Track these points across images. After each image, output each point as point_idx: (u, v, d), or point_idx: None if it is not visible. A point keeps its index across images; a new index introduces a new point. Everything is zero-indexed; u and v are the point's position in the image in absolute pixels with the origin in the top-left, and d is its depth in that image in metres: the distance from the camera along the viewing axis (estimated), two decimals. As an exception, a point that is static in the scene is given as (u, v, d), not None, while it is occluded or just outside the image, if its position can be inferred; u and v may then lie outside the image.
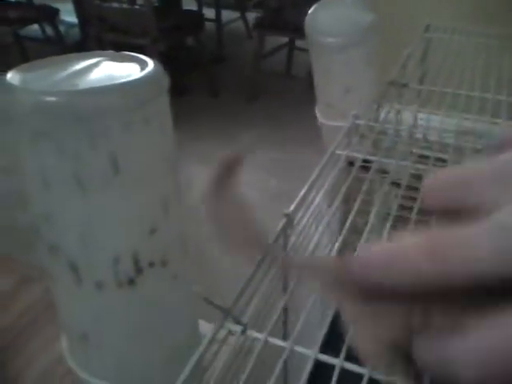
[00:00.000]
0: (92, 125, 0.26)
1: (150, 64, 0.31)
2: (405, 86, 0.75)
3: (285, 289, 0.52)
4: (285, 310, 0.53)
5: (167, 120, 0.32)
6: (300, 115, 1.91)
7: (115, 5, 2.40)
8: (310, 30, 0.62)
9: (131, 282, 0.31)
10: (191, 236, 0.48)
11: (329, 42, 0.61)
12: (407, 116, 0.86)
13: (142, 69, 0.30)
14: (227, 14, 3.28)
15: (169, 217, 0.31)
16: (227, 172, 0.20)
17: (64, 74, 0.30)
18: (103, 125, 0.26)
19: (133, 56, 0.32)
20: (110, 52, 0.33)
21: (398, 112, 0.82)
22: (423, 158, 0.74)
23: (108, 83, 0.27)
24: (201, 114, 2.48)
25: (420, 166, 0.68)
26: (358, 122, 0.65)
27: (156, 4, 2.64)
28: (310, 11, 0.62)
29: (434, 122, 0.83)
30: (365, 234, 0.54)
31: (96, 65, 0.31)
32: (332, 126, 0.70)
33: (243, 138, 2.29)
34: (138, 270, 0.30)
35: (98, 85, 0.27)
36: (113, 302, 0.32)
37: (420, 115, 0.87)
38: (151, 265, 0.31)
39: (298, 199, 0.52)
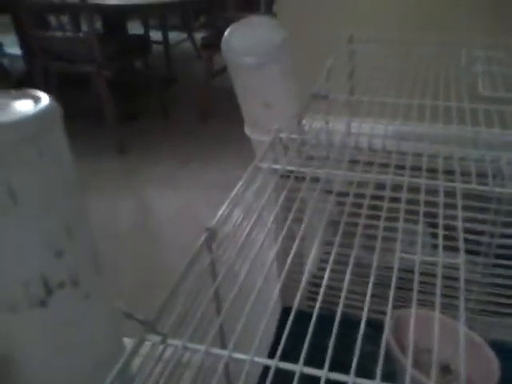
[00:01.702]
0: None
1: (44, 99, 0.33)
2: (326, 97, 0.80)
3: (217, 299, 0.55)
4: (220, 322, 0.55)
5: (63, 151, 0.34)
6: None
7: (58, 34, 2.41)
8: (226, 51, 0.65)
9: (43, 303, 0.33)
10: (147, 255, 0.50)
11: (245, 61, 0.64)
12: (337, 125, 0.90)
13: (36, 104, 0.32)
14: (175, 36, 3.32)
15: (75, 240, 0.34)
16: None
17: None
18: (-1, 159, 0.28)
19: (28, 92, 0.34)
20: (10, 91, 0.35)
21: (327, 122, 0.86)
22: (355, 164, 0.78)
23: (1, 119, 0.29)
24: (155, 137, 2.50)
25: (351, 174, 0.72)
26: (280, 135, 0.69)
27: (100, 31, 2.65)
28: (225, 33, 0.66)
29: (364, 129, 0.87)
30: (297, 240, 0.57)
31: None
32: (259, 140, 0.73)
33: (197, 157, 2.31)
34: (49, 291, 0.32)
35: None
36: (28, 323, 0.33)
37: (352, 123, 0.91)
38: (61, 285, 0.33)
39: (220, 213, 0.55)
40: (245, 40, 0.64)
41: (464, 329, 0.62)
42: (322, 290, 0.54)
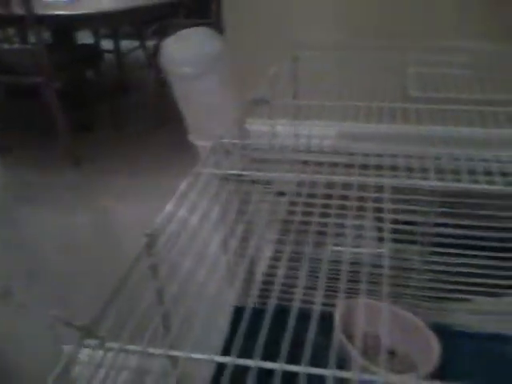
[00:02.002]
0: None
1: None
2: (266, 102, 0.82)
3: (161, 300, 0.56)
4: (165, 319, 0.56)
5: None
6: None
7: (5, 46, 2.36)
8: (165, 61, 0.67)
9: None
10: (105, 267, 0.51)
11: (183, 71, 0.66)
12: (282, 129, 0.93)
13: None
14: (128, 44, 3.30)
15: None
16: None
17: None
18: None
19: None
20: None
21: (272, 127, 0.89)
22: (304, 165, 0.81)
23: None
24: (109, 147, 2.47)
25: (289, 175, 0.74)
26: (223, 140, 0.71)
27: (49, 41, 2.61)
28: (163, 44, 0.67)
29: (307, 131, 0.90)
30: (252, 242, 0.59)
31: None
32: (203, 146, 0.75)
33: (152, 166, 2.31)
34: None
35: None
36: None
37: (293, 127, 0.94)
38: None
39: (160, 218, 0.56)
40: (182, 50, 0.66)
41: (388, 310, 0.65)
42: (275, 287, 0.56)
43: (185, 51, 0.66)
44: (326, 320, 0.67)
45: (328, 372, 0.41)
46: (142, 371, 0.49)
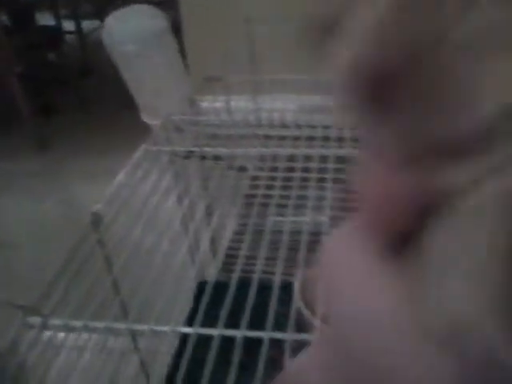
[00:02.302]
0: None
1: None
2: (219, 79, 0.83)
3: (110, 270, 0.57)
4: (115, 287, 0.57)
5: None
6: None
7: (-40, 30, 2.28)
8: (108, 40, 0.67)
9: None
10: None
11: (128, 49, 0.66)
12: (239, 104, 0.93)
13: None
14: (89, 24, 3.21)
15: None
16: None
17: None
18: None
19: None
20: None
21: (227, 102, 0.89)
22: (267, 140, 0.81)
23: None
24: (76, 131, 2.43)
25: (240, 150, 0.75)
26: (173, 117, 0.72)
27: (7, 23, 2.53)
28: (105, 22, 0.67)
29: (267, 105, 0.91)
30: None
31: None
32: (156, 125, 0.75)
33: (120, 148, 2.28)
34: None
35: None
36: None
37: (252, 102, 0.94)
38: None
39: (107, 196, 0.57)
40: (124, 28, 0.65)
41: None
42: (239, 260, 0.57)
43: (126, 29, 0.66)
44: (287, 289, 0.69)
45: (265, 334, 0.43)
46: (103, 350, 0.50)
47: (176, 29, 1.01)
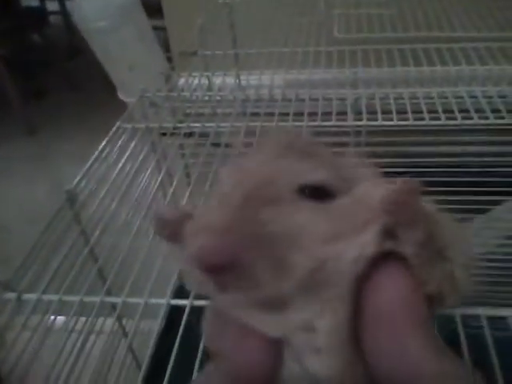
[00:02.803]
0: None
1: None
2: (194, 54, 0.82)
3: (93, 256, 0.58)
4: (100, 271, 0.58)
5: None
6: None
7: None
8: (77, 17, 0.66)
9: None
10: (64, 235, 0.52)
11: (97, 26, 0.66)
12: (220, 80, 0.93)
13: None
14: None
15: None
16: None
17: None
18: None
19: None
20: None
21: (207, 78, 0.89)
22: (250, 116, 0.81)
23: None
24: (65, 113, 2.42)
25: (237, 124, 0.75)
26: (148, 94, 0.72)
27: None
28: (74, 1, 0.66)
29: (253, 81, 0.91)
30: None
31: None
32: (132, 103, 0.75)
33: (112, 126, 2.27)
34: None
35: None
36: None
37: (231, 78, 0.94)
38: None
39: (81, 174, 0.58)
40: (94, 5, 0.65)
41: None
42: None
43: (94, 6, 0.65)
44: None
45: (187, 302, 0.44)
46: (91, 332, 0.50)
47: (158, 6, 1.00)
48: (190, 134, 0.67)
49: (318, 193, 0.22)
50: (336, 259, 0.20)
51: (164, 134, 0.72)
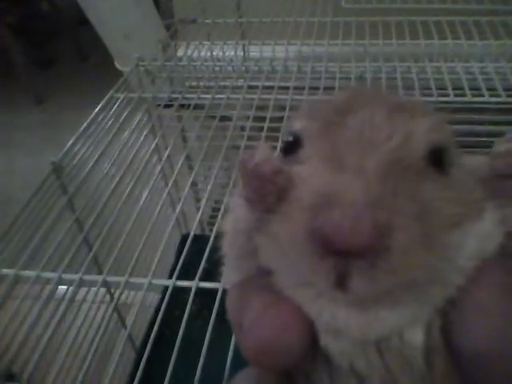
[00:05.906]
0: None
1: None
2: (193, 21, 0.79)
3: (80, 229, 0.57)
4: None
5: None
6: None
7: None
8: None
9: None
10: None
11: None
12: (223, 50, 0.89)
13: None
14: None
15: None
16: None
17: None
18: None
19: None
20: None
21: (209, 48, 0.85)
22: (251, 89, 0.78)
23: None
24: (74, 83, 2.39)
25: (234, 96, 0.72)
26: (143, 63, 0.69)
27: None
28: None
29: (254, 53, 0.87)
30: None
31: None
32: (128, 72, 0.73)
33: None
34: None
35: None
36: None
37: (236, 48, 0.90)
38: None
39: (68, 145, 0.56)
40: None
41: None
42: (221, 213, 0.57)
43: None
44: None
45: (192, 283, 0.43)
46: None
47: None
48: (196, 106, 0.65)
49: (437, 158, 0.18)
50: (456, 251, 0.17)
51: (159, 105, 0.69)
